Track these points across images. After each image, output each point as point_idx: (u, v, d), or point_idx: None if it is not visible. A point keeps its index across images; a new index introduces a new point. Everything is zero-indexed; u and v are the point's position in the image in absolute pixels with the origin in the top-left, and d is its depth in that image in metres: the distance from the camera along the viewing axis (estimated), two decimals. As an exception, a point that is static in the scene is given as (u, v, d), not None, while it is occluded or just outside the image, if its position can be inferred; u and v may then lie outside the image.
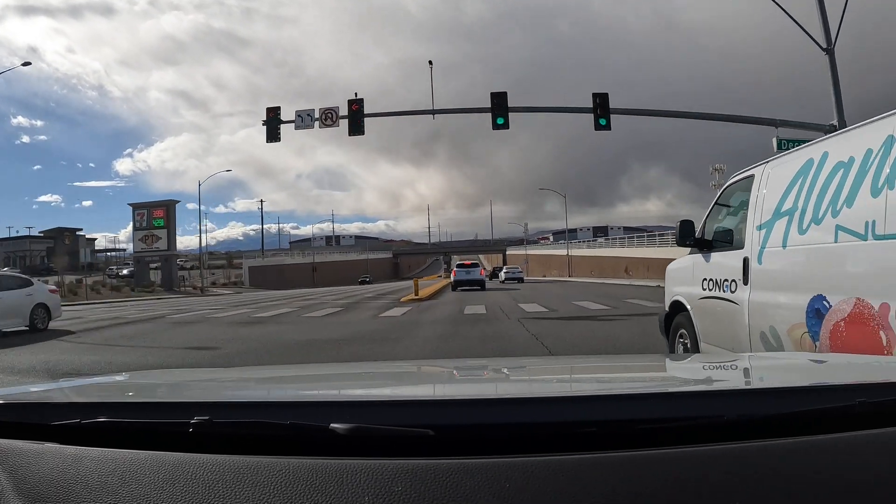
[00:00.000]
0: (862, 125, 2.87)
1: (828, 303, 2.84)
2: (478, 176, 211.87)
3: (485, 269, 38.90)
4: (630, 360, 3.17)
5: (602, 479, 0.81)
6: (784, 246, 3.29)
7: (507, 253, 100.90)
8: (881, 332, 2.50)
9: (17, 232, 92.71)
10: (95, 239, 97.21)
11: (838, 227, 2.79)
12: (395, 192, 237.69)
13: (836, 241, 2.81)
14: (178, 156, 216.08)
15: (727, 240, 4.14)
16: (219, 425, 0.98)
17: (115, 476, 0.88)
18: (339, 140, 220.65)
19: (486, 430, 0.98)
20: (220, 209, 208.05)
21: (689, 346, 4.63)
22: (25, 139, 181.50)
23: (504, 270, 49.08)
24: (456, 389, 1.68)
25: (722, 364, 2.04)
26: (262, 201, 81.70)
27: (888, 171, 2.49)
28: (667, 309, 5.15)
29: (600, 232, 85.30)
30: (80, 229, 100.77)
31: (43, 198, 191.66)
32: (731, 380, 1.67)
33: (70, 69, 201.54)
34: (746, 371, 1.75)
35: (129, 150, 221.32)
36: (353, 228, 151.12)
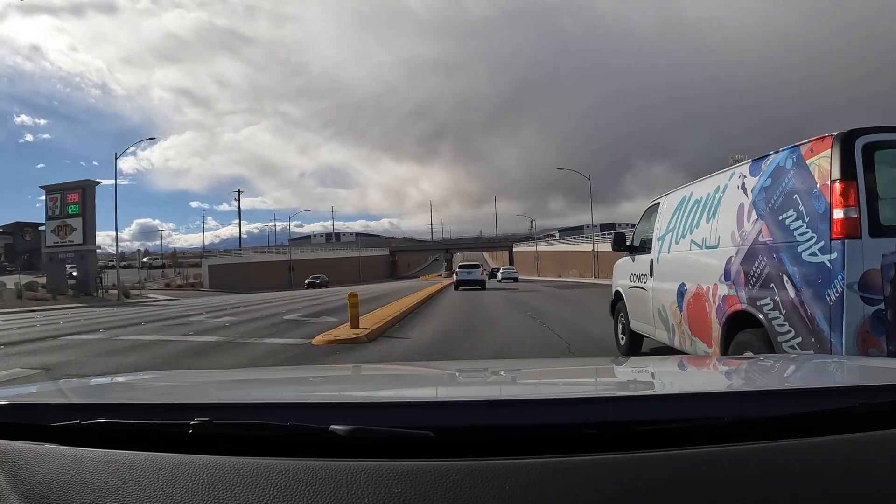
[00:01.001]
0: (710, 176, 4.44)
1: (685, 287, 4.50)
2: (482, 174, 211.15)
3: (485, 269, 37.80)
4: (630, 362, 3.08)
5: (602, 480, 0.81)
6: (669, 252, 5.02)
7: (515, 250, 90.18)
8: (706, 304, 4.05)
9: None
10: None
11: (692, 241, 4.47)
12: (399, 190, 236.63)
13: (689, 250, 4.50)
14: (182, 154, 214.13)
15: (645, 246, 5.81)
16: (219, 426, 0.98)
17: (115, 477, 0.88)
18: (343, 137, 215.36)
19: (487, 431, 0.98)
20: (224, 207, 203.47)
21: (624, 322, 6.43)
22: (29, 138, 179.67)
23: (501, 271, 51.94)
24: (456, 391, 1.67)
25: (721, 366, 2.03)
26: (239, 192, 69.75)
27: (712, 208, 4.12)
28: (612, 296, 6.99)
29: (608, 228, 76.83)
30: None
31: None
32: (730, 381, 1.66)
33: (73, 67, 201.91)
34: (746, 373, 1.75)
35: (132, 149, 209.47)
36: (357, 226, 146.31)
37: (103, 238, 61.86)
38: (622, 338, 6.59)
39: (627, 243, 6.35)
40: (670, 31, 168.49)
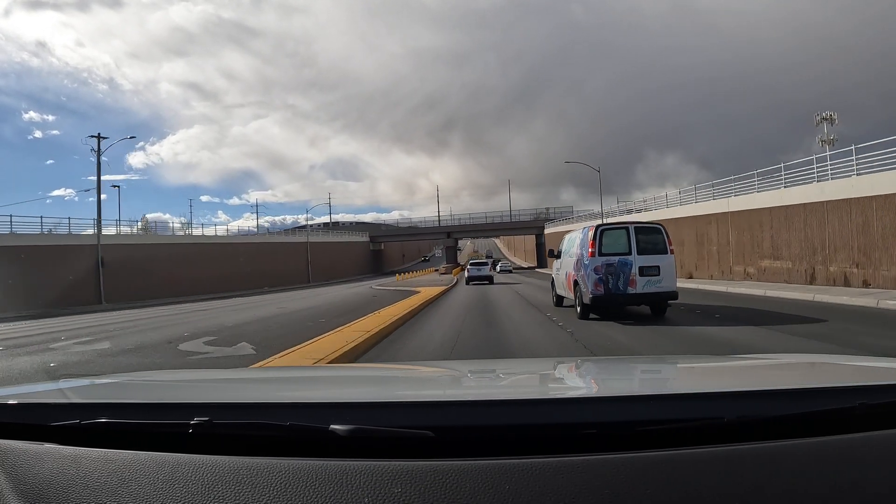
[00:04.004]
0: (579, 227, 13.44)
1: (567, 272, 12.34)
2: (493, 165, 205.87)
3: (491, 264, 39.26)
4: (630, 361, 3.17)
5: (602, 480, 0.81)
6: (564, 258, 13.07)
7: (548, 232, 61.15)
8: (571, 278, 11.91)
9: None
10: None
11: (568, 254, 12.69)
12: (410, 182, 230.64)
13: (569, 257, 12.45)
14: (191, 148, 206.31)
15: (560, 255, 13.70)
16: (219, 426, 0.98)
17: (115, 477, 0.88)
18: (352, 130, 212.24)
19: (486, 431, 0.98)
20: (235, 201, 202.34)
21: (554, 291, 14.18)
22: (38, 134, 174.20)
23: (500, 264, 55.48)
24: (456, 391, 1.67)
25: (722, 365, 2.02)
26: (98, 137, 40.15)
27: (574, 241, 12.44)
28: (551, 279, 14.84)
29: (625, 214, 52.36)
30: None
31: (56, 192, 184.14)
32: (730, 381, 1.64)
33: (80, 63, 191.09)
34: (746, 372, 1.74)
35: (141, 144, 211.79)
36: (368, 218, 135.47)
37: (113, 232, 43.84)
38: (554, 298, 14.11)
39: (555, 253, 14.17)
40: (683, 18, 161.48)
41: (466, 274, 32.53)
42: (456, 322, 11.57)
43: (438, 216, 77.76)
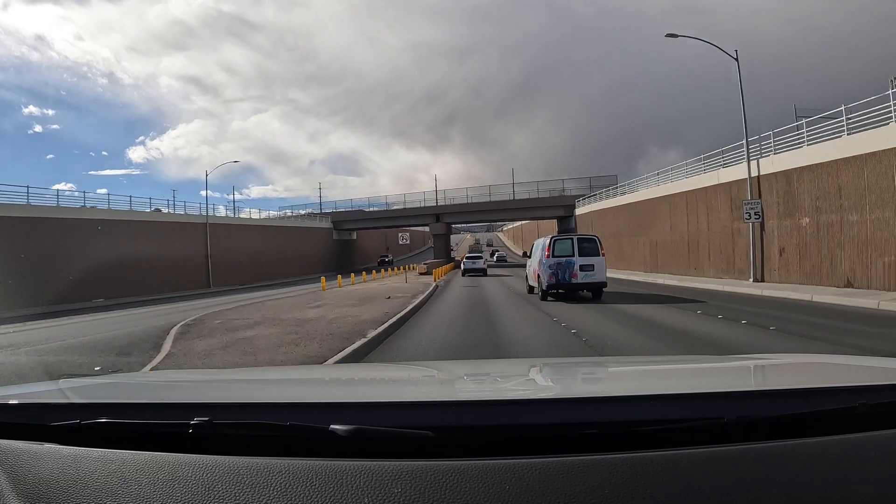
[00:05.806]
0: (542, 237, 18.87)
1: (533, 267, 17.89)
2: (494, 160, 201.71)
3: (486, 260, 39.86)
4: (629, 361, 3.14)
5: (602, 480, 0.82)
6: (533, 258, 18.33)
7: (582, 213, 42.54)
8: (535, 272, 17.10)
9: None
10: None
11: (535, 254, 18.01)
12: (410, 177, 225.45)
13: (536, 257, 17.47)
14: (191, 143, 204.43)
15: (530, 254, 19.20)
16: (219, 426, 0.98)
17: (116, 477, 0.88)
18: (353, 124, 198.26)
19: (486, 431, 0.98)
20: (236, 196, 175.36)
21: (528, 283, 19.14)
22: (38, 129, 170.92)
23: (496, 254, 64.79)
24: (455, 391, 1.67)
25: (721, 366, 2.03)
26: None
27: (538, 245, 17.83)
28: (525, 275, 20.29)
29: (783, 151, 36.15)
30: None
31: (56, 186, 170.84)
32: (730, 382, 1.64)
33: (80, 57, 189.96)
34: (746, 373, 1.74)
35: (141, 138, 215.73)
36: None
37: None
38: (527, 287, 18.81)
39: (527, 254, 19.56)
40: (683, 14, 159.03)
41: (462, 267, 35.41)
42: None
43: (436, 199, 56.53)
